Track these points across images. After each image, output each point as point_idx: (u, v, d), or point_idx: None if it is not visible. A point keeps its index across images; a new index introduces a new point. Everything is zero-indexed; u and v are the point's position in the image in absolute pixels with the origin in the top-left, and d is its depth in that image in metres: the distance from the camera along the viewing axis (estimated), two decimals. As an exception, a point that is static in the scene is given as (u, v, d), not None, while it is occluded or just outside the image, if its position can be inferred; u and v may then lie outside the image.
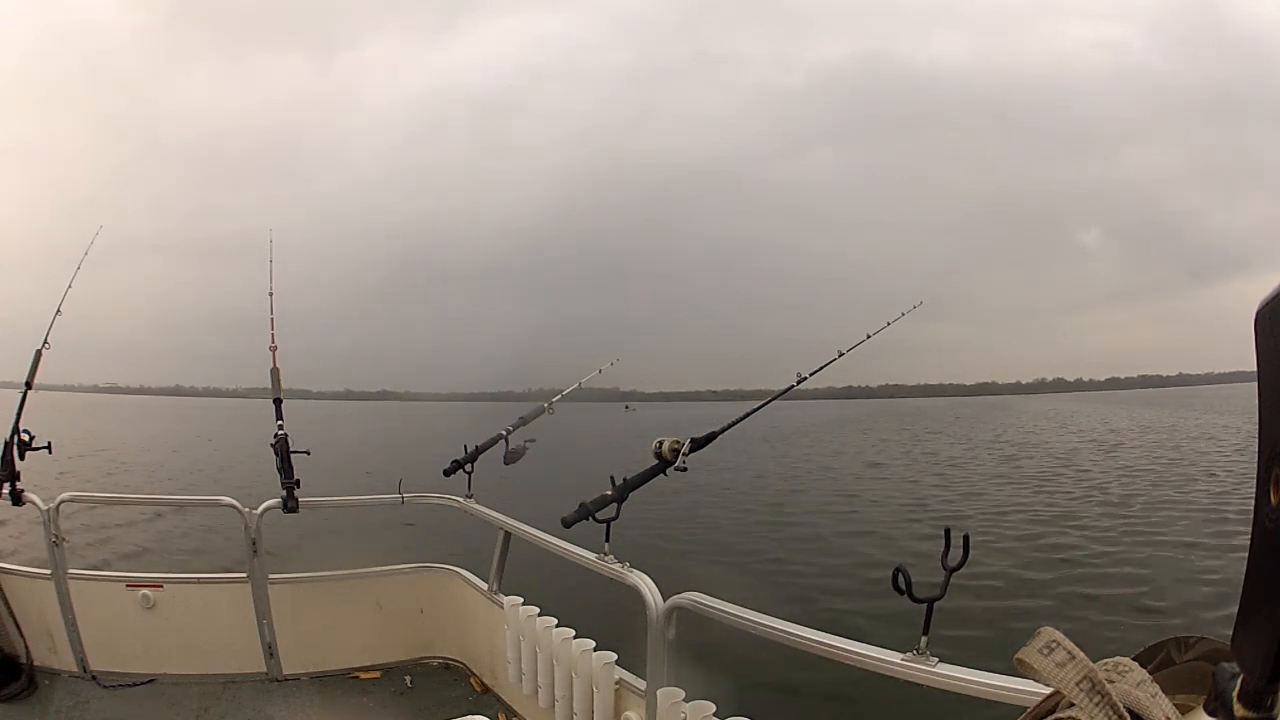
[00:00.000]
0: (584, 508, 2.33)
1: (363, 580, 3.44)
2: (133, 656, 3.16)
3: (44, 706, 2.93)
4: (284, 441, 3.11)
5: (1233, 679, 0.44)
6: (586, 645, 2.44)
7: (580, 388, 3.68)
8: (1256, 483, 0.45)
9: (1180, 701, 0.52)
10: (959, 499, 13.36)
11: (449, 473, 3.24)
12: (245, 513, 3.13)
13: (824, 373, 2.63)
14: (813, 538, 9.93)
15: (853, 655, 1.63)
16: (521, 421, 3.28)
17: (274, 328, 3.40)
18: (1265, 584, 0.44)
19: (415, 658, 3.42)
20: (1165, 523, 10.34)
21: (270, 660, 3.23)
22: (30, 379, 3.27)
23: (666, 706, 2.01)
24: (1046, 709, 0.54)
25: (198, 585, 3.34)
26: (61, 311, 3.36)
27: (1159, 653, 0.58)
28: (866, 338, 2.68)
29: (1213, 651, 0.56)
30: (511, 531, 3.00)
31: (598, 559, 2.35)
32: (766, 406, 2.51)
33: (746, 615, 1.88)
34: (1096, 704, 0.49)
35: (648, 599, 2.10)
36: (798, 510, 12.49)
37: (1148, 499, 12.48)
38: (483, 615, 3.15)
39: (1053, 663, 0.51)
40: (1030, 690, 1.25)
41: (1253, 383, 0.46)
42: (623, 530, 2.35)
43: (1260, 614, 0.44)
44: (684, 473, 2.24)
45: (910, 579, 1.47)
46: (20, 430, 3.03)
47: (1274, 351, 0.44)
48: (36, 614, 3.13)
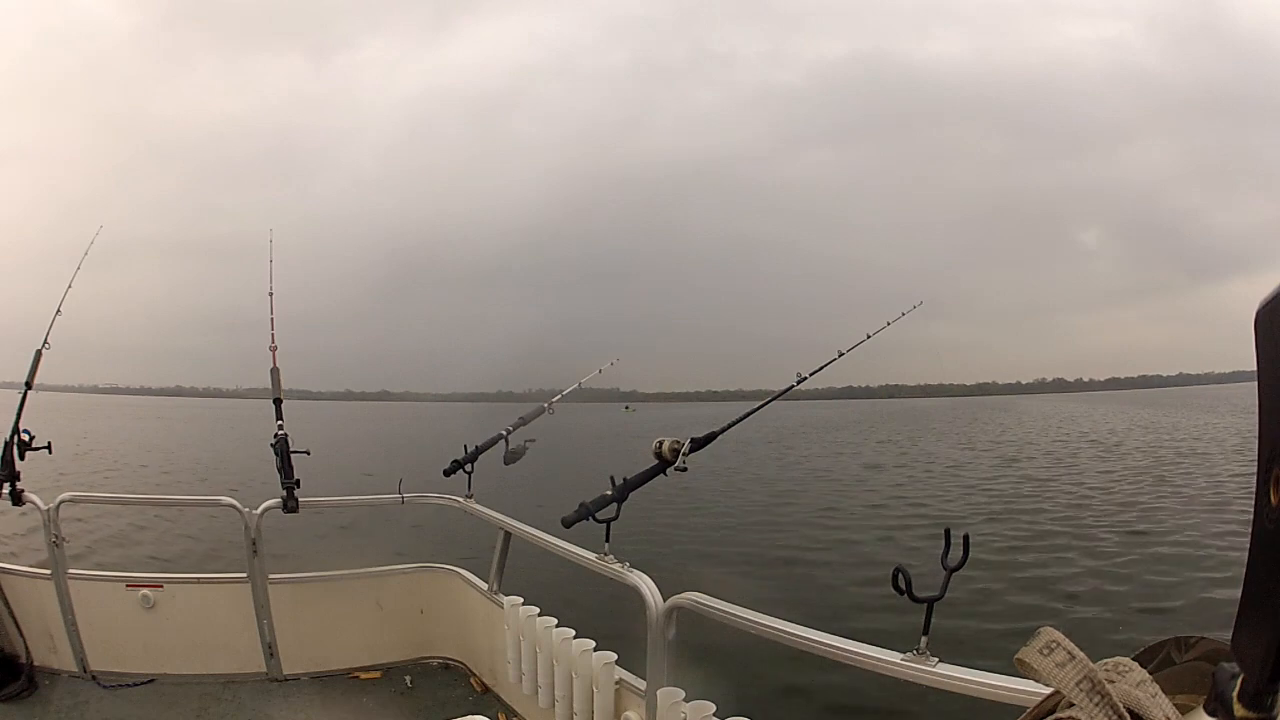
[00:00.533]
0: (584, 508, 2.33)
1: (363, 580, 3.44)
2: (133, 656, 3.16)
3: (44, 706, 2.93)
4: (284, 441, 3.11)
5: (1233, 679, 0.44)
6: (586, 645, 2.44)
7: (580, 388, 3.69)
8: (1256, 483, 0.45)
9: (1180, 701, 0.52)
10: (958, 500, 13.36)
11: (449, 473, 3.25)
12: (245, 513, 3.13)
13: (824, 372, 2.63)
14: (813, 538, 9.93)
15: (853, 655, 1.63)
16: (521, 421, 3.29)
17: (274, 328, 3.40)
18: (1265, 584, 0.44)
19: (415, 658, 3.42)
20: (1165, 522, 10.34)
21: (270, 660, 3.23)
22: (30, 379, 3.27)
23: (666, 706, 2.01)
24: (1046, 709, 0.54)
25: (198, 585, 3.34)
26: (61, 312, 3.37)
27: (1159, 653, 0.58)
28: (867, 337, 2.68)
29: (1213, 651, 0.56)
30: (511, 531, 3.00)
31: (598, 559, 2.36)
32: (766, 406, 2.51)
33: (746, 615, 1.88)
34: (1096, 704, 0.49)
35: (648, 599, 2.10)
36: (798, 510, 12.48)
37: (1147, 499, 12.48)
38: (483, 615, 3.15)
39: (1053, 663, 0.51)
40: (1030, 690, 1.25)
41: (1253, 383, 0.46)
42: (623, 530, 2.36)
43: (1260, 614, 0.44)
44: (684, 472, 2.24)
45: (910, 579, 1.47)
46: (20, 430, 3.04)
47: (1274, 351, 0.44)
48: (36, 614, 3.12)
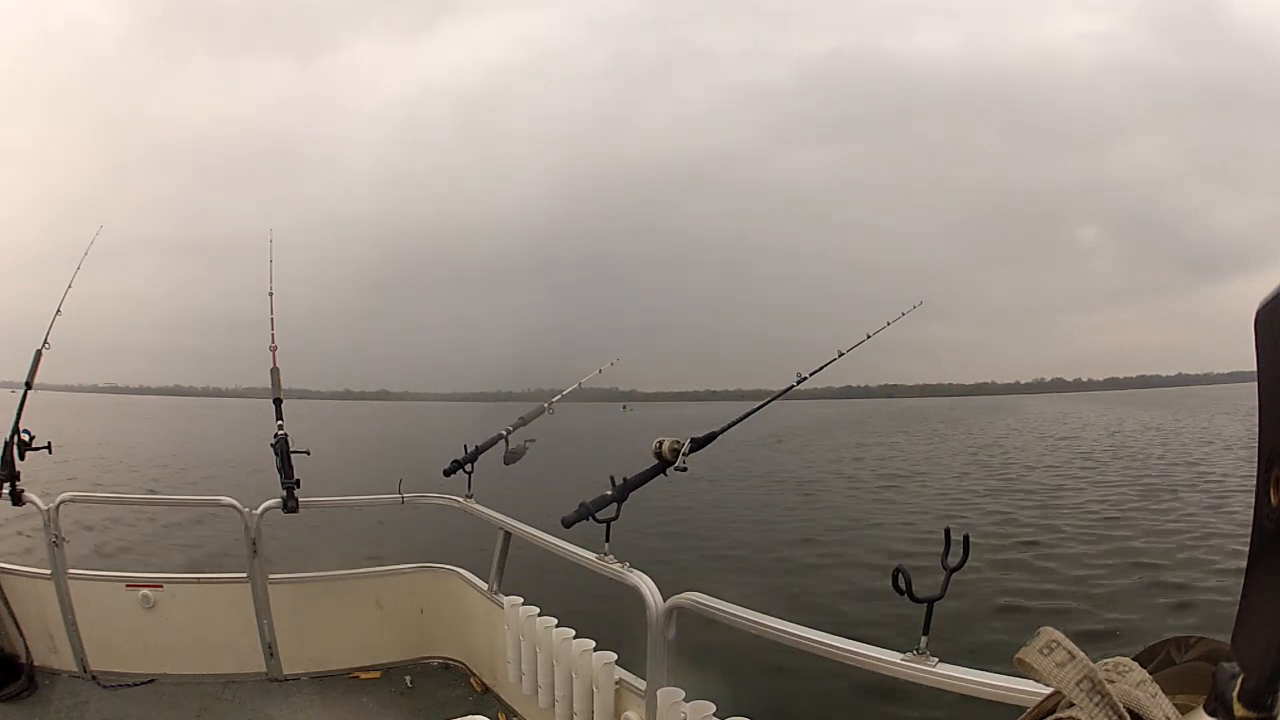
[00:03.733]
0: (584, 508, 2.33)
1: (363, 580, 3.44)
2: (133, 656, 3.16)
3: (44, 706, 2.93)
4: (284, 441, 3.11)
5: (1233, 679, 0.44)
6: (586, 645, 2.44)
7: (580, 388, 3.69)
8: (1256, 483, 0.45)
9: (1180, 701, 0.52)
10: (958, 499, 13.36)
11: (449, 473, 3.25)
12: (245, 513, 3.13)
13: (823, 372, 2.63)
14: (813, 538, 9.93)
15: (853, 655, 1.63)
16: (521, 421, 3.29)
17: (274, 328, 3.40)
18: (1265, 584, 0.44)
19: (415, 658, 3.42)
20: (1164, 522, 10.34)
21: (270, 660, 3.23)
22: (30, 379, 3.27)
23: (666, 706, 2.01)
24: (1046, 709, 0.54)
25: (198, 585, 3.34)
26: (61, 311, 3.37)
27: (1159, 653, 0.58)
28: (867, 337, 2.68)
29: (1213, 651, 0.56)
30: (511, 531, 3.00)
31: (598, 559, 2.36)
32: (766, 406, 2.51)
33: (746, 615, 1.88)
34: (1096, 704, 0.49)
35: (648, 599, 2.10)
36: (798, 510, 12.49)
37: (1147, 499, 12.48)
38: (483, 615, 3.15)
39: (1053, 663, 0.51)
40: (1030, 690, 1.25)
41: (1252, 383, 0.45)
42: (623, 530, 2.35)
43: (1260, 614, 0.44)
44: (684, 472, 2.24)
45: (910, 579, 1.47)
46: (20, 430, 3.04)
47: (1274, 352, 0.44)
48: (36, 614, 3.12)
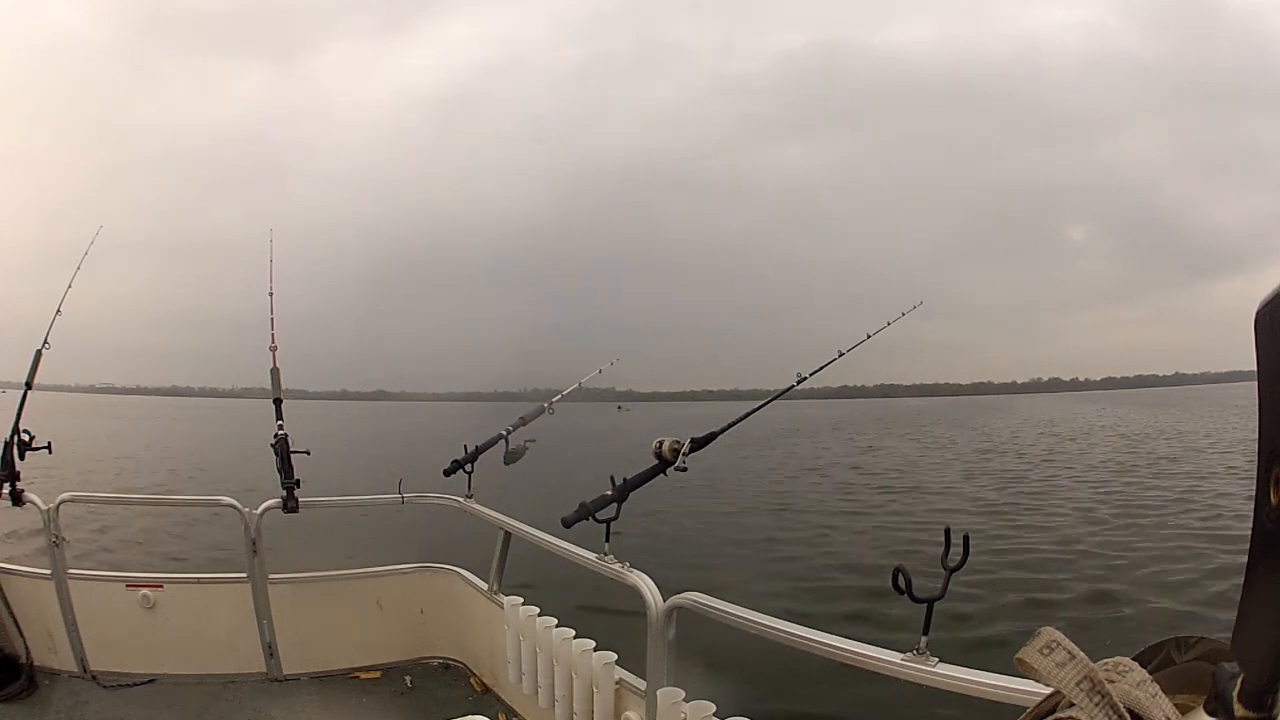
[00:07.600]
0: (584, 508, 2.33)
1: (363, 580, 3.44)
2: (133, 656, 3.16)
3: (44, 706, 2.93)
4: (284, 441, 3.12)
5: (1233, 679, 0.44)
6: (586, 645, 2.44)
7: (580, 388, 3.69)
8: (1256, 483, 0.45)
9: (1180, 701, 0.52)
10: (957, 500, 13.36)
11: (449, 473, 3.25)
12: (245, 513, 3.13)
13: (821, 373, 2.63)
14: (813, 538, 9.93)
15: (853, 655, 1.63)
16: (521, 421, 3.29)
17: (274, 328, 3.40)
18: (1265, 584, 0.44)
19: (415, 658, 3.42)
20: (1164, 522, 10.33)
21: (270, 660, 3.23)
22: (30, 379, 3.27)
23: (666, 706, 2.01)
24: (1046, 709, 0.54)
25: (198, 585, 3.34)
26: (61, 312, 3.37)
27: (1159, 653, 0.58)
28: (867, 337, 2.68)
29: (1213, 651, 0.55)
30: (511, 531, 3.00)
31: (598, 559, 2.35)
32: (766, 407, 2.51)
33: (746, 615, 1.88)
34: (1096, 704, 0.49)
35: (648, 599, 2.10)
36: (798, 510, 12.48)
37: (1146, 499, 12.48)
38: (483, 615, 3.15)
39: (1053, 663, 0.51)
40: (1030, 690, 1.25)
41: (1250, 383, 0.45)
42: (623, 530, 2.35)
43: (1260, 614, 0.44)
44: (684, 472, 2.24)
45: (910, 579, 1.47)
46: (20, 430, 3.04)
47: (1274, 351, 0.44)
48: (36, 614, 3.12)
